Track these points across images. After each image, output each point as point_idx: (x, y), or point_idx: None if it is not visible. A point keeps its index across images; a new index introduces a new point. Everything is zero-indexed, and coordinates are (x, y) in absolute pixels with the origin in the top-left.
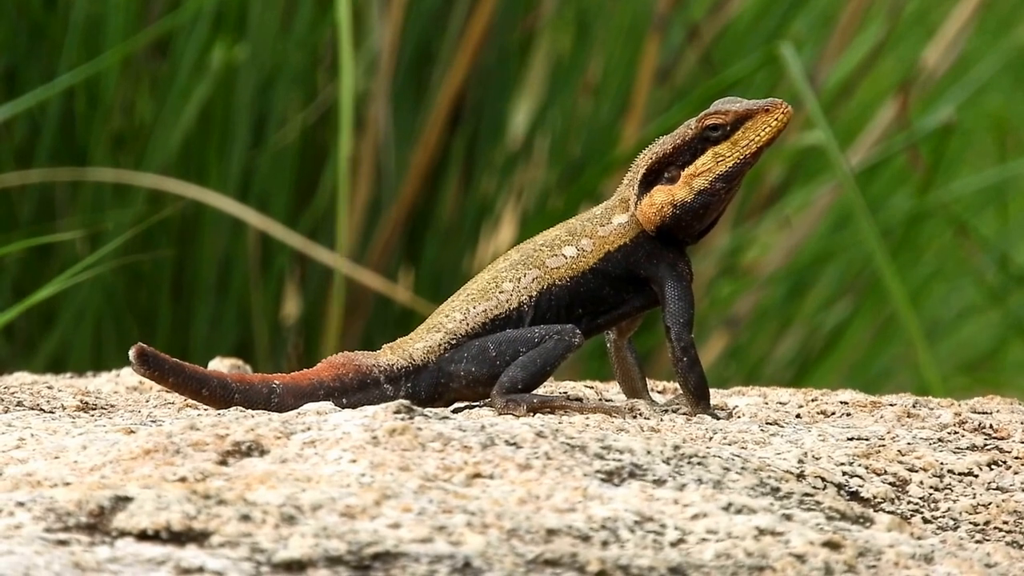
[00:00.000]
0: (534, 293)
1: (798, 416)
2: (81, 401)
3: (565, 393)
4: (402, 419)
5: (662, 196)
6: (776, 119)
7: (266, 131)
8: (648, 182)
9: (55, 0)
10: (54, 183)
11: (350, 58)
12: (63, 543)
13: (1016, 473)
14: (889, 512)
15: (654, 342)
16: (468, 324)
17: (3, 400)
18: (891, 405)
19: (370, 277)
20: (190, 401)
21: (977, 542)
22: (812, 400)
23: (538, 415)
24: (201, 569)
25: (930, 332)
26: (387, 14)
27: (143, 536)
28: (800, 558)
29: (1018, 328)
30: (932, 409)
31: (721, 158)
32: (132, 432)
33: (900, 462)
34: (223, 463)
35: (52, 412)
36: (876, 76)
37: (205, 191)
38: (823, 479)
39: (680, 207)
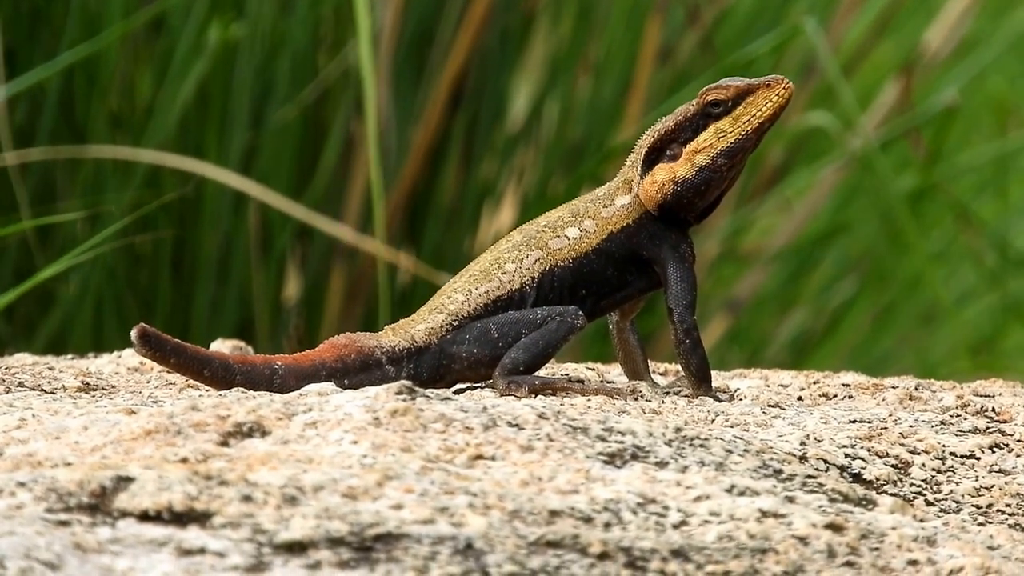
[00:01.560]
0: (536, 274)
1: (800, 398)
2: (82, 382)
3: (567, 375)
4: (404, 400)
5: (663, 174)
6: (778, 94)
7: (267, 110)
8: (650, 161)
9: None
10: (54, 164)
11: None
12: (64, 523)
13: (1018, 456)
14: (892, 494)
15: (656, 324)
16: (470, 305)
17: (4, 381)
18: (893, 388)
19: (375, 245)
20: (191, 382)
21: (980, 524)
22: (814, 383)
23: (540, 397)
24: (203, 550)
25: (929, 316)
26: None
27: (145, 517)
28: (803, 540)
29: (1018, 312)
30: (934, 392)
31: (723, 133)
32: (133, 413)
33: (902, 444)
34: (224, 444)
35: (53, 393)
36: (879, 58)
37: (207, 165)
38: (825, 461)
39: (681, 184)
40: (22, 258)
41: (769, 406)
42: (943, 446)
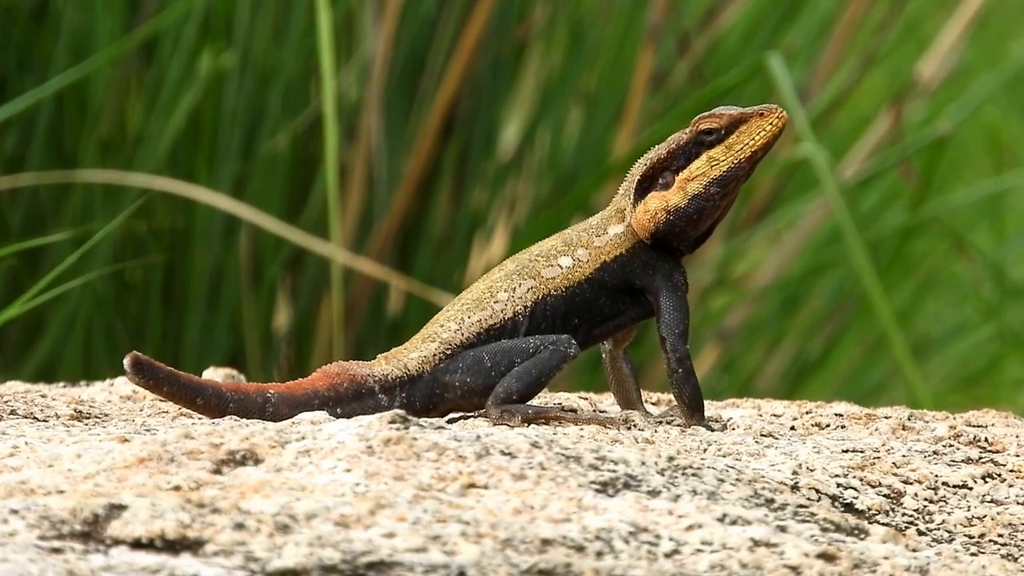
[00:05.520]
0: (529, 303)
1: (792, 428)
2: (75, 410)
3: (560, 404)
4: (397, 429)
5: (656, 202)
6: (771, 123)
7: (257, 139)
8: (643, 189)
9: (44, 10)
10: (44, 192)
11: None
12: (57, 551)
13: (1011, 486)
14: (884, 524)
15: (649, 353)
16: (463, 334)
17: None
18: (886, 418)
19: (369, 265)
20: (184, 410)
21: (972, 555)
22: (806, 412)
23: (533, 426)
24: None
25: (922, 348)
26: (380, 21)
27: (137, 544)
28: (795, 570)
29: (1015, 344)
30: (927, 422)
31: (716, 162)
32: (126, 440)
33: (895, 474)
34: (217, 472)
35: (46, 420)
36: (870, 88)
37: (198, 188)
38: (818, 491)
39: (674, 212)
40: (11, 287)
41: (761, 435)
42: (936, 476)
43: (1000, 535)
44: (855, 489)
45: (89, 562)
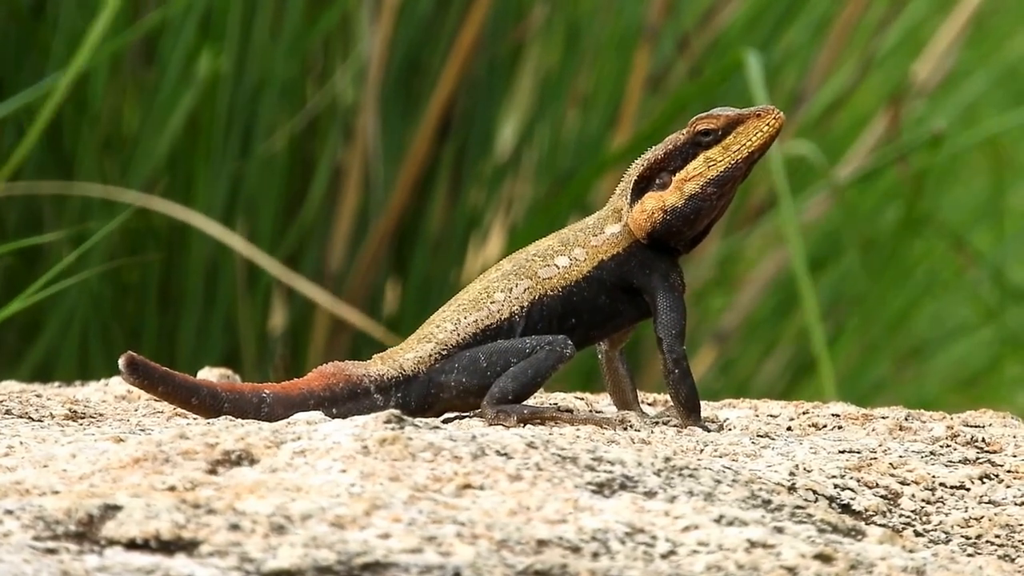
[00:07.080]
0: (525, 303)
1: (789, 429)
2: (70, 410)
3: (555, 404)
4: (392, 429)
5: (653, 202)
6: (768, 124)
7: (254, 140)
8: (640, 189)
9: (43, 9)
10: (40, 194)
11: None
12: (52, 551)
13: (1008, 487)
14: (881, 525)
15: (645, 354)
16: (459, 334)
17: None
18: (883, 418)
19: (348, 312)
20: (179, 410)
21: (969, 555)
22: (803, 413)
23: (529, 426)
24: None
25: (921, 350)
26: (377, 22)
27: (132, 545)
28: (792, 571)
29: (1014, 345)
30: (924, 422)
31: (712, 163)
32: (121, 441)
33: (892, 475)
34: (213, 472)
35: (41, 420)
36: (869, 89)
37: (190, 212)
38: (814, 492)
39: (671, 212)
40: (7, 288)
41: (758, 436)
42: (933, 477)
43: (997, 536)
44: (852, 490)
45: (84, 563)
